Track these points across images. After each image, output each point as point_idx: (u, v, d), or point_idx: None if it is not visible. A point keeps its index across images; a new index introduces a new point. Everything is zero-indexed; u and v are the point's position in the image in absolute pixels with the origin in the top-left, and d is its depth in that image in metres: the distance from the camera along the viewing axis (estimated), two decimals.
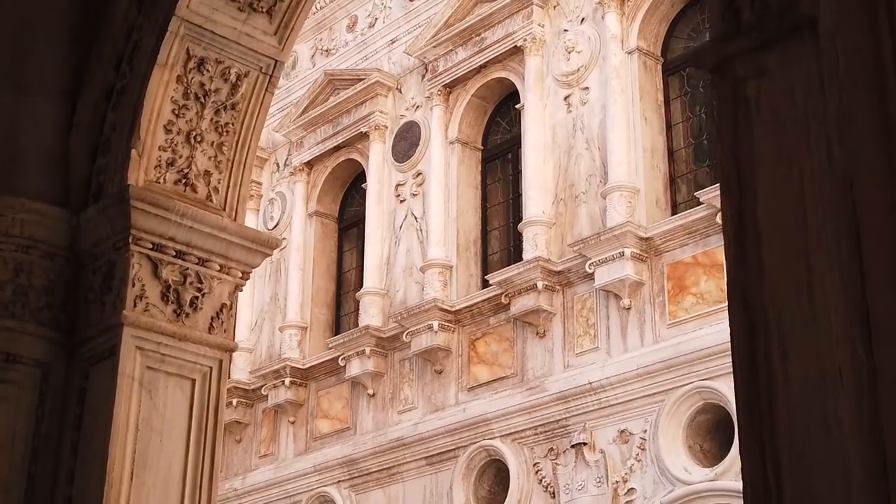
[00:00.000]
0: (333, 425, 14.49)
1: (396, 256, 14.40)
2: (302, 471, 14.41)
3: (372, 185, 14.87)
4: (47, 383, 3.95)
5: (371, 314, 14.16)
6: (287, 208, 16.13)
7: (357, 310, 14.72)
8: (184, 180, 4.09)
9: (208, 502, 3.80)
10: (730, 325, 2.30)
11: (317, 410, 14.79)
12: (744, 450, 2.12)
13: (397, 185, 14.71)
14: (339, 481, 14.00)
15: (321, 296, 15.58)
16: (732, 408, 10.52)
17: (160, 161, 4.04)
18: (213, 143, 4.15)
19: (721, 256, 11.24)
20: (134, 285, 3.91)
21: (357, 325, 14.37)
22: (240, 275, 4.23)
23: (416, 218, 14.34)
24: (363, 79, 15.25)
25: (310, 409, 14.88)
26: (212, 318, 4.09)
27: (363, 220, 15.10)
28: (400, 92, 15.10)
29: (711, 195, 10.98)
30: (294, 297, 15.36)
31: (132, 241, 3.94)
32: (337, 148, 15.69)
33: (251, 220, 16.63)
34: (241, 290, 4.25)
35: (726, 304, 8.21)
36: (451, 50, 14.25)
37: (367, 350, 13.90)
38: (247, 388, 15.50)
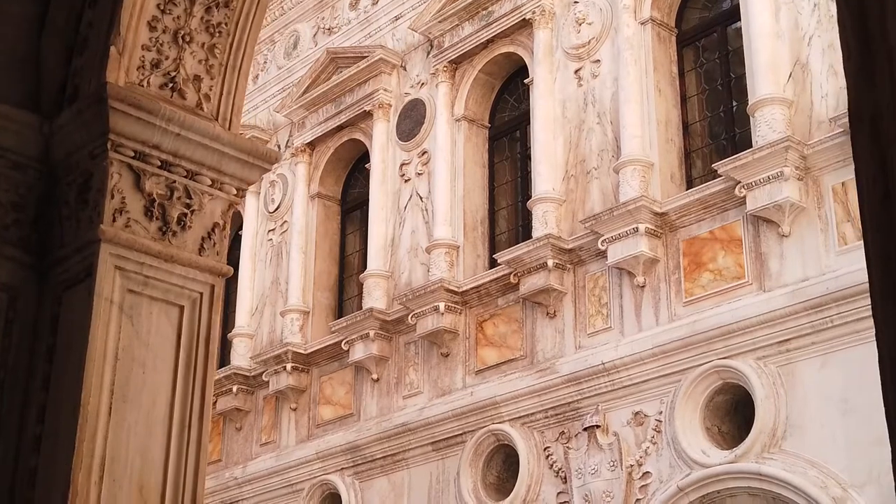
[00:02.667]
0: (336, 411, 14.06)
1: (401, 237, 13.98)
2: (304, 458, 13.99)
3: (376, 165, 14.46)
4: (15, 310, 3.50)
5: (375, 297, 13.73)
6: (288, 190, 15.72)
7: (360, 293, 14.31)
8: (170, 84, 3.64)
9: (198, 444, 3.38)
10: (854, 163, 1.86)
11: (319, 396, 14.36)
12: (879, 315, 1.69)
13: (402, 165, 14.29)
14: (342, 469, 13.58)
15: (323, 279, 15.16)
16: (752, 387, 10.11)
17: (143, 62, 3.58)
18: (203, 44, 3.70)
19: (739, 231, 10.83)
20: (113, 197, 3.46)
21: (360, 309, 13.95)
22: (234, 191, 3.78)
23: (421, 198, 13.92)
24: (366, 56, 14.83)
25: (312, 396, 14.45)
26: (202, 239, 3.65)
27: (366, 202, 14.68)
28: (404, 69, 14.69)
29: (729, 167, 10.56)
30: (296, 280, 14.95)
31: (111, 147, 3.49)
32: (340, 128, 15.28)
33: (251, 204, 16.23)
34: (236, 209, 3.80)
35: (745, 280, 7.80)
36: (457, 25, 13.83)
37: (371, 333, 13.47)
38: (247, 374, 15.08)
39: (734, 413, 10.56)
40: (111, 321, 3.33)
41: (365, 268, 14.18)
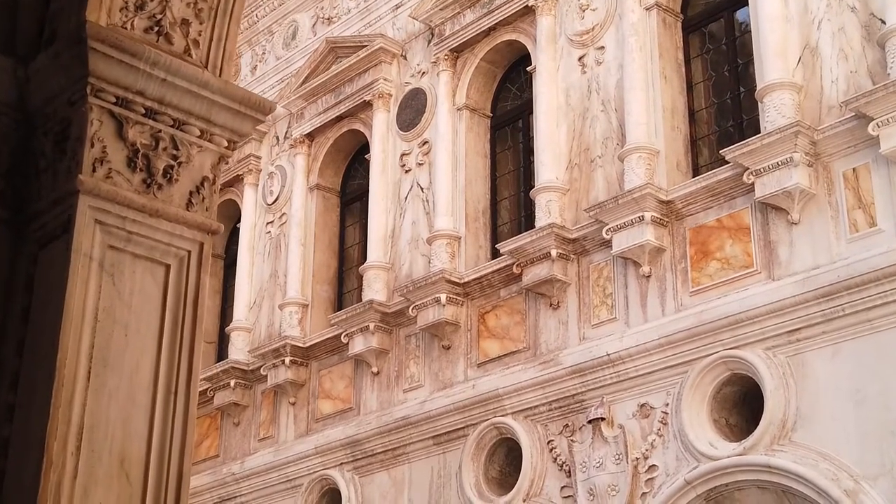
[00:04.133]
0: (336, 405, 13.83)
1: (401, 228, 13.75)
2: (303, 453, 13.75)
3: (376, 156, 14.22)
4: None
5: (375, 289, 13.50)
6: (287, 182, 15.49)
7: (360, 286, 14.07)
8: (156, 28, 3.39)
9: (185, 413, 3.15)
10: None
11: (318, 390, 14.13)
12: None
13: (402, 155, 14.06)
14: (341, 463, 13.34)
15: (323, 272, 14.93)
16: (761, 378, 9.87)
17: (127, 3, 3.32)
18: None
19: (747, 219, 10.60)
20: (93, 146, 3.21)
21: (360, 302, 13.71)
22: (225, 143, 3.53)
23: (422, 188, 13.69)
24: (366, 45, 14.60)
25: (311, 390, 14.22)
26: (190, 193, 3.40)
27: (366, 194, 14.45)
28: (405, 59, 14.46)
29: (737, 153, 10.33)
30: (294, 273, 14.71)
31: (91, 92, 3.24)
32: (339, 118, 15.04)
33: (250, 197, 16.00)
34: (227, 163, 3.56)
35: (753, 268, 7.56)
36: (459, 13, 13.60)
37: (371, 326, 13.23)
38: (245, 368, 14.85)
39: (742, 405, 10.32)
40: (90, 279, 3.09)
41: (365, 260, 13.95)
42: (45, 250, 3.24)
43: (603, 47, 12.18)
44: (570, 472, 11.09)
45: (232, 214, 16.62)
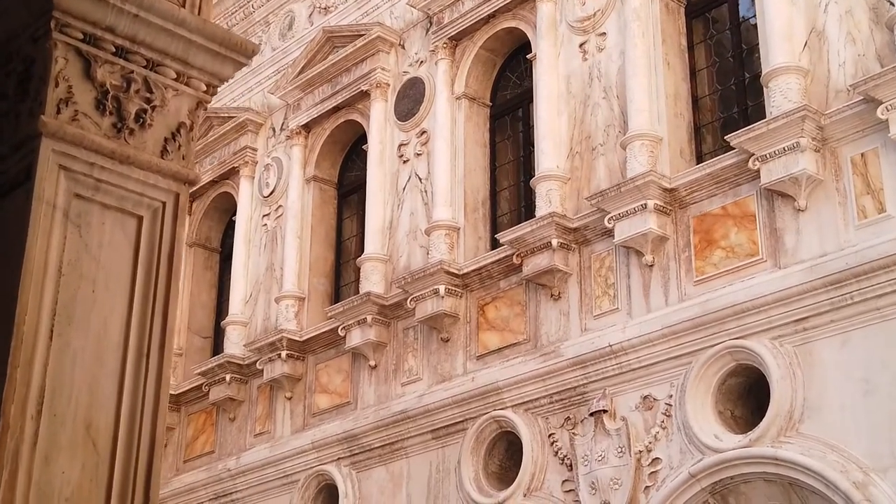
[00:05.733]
0: (333, 400, 13.59)
1: (399, 220, 13.51)
2: (299, 448, 13.51)
3: (373, 146, 13.98)
4: None
5: (372, 281, 13.25)
6: (283, 174, 15.25)
7: (357, 279, 13.82)
8: None
9: (158, 376, 2.90)
10: None
11: (315, 385, 13.89)
12: None
13: (400, 145, 13.82)
14: (338, 459, 13.10)
15: (319, 265, 14.69)
16: (767, 368, 9.63)
17: None
18: None
19: (753, 206, 10.35)
20: (57, 85, 2.96)
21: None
22: (203, 87, 3.28)
23: (420, 179, 13.45)
24: (363, 35, 14.36)
25: (308, 384, 13.98)
26: (165, 140, 3.15)
27: (364, 186, 14.20)
28: (403, 48, 14.22)
29: (742, 138, 10.09)
30: (291, 266, 14.47)
31: (55, 27, 3.00)
32: (336, 109, 14.80)
33: (245, 189, 15.77)
34: (206, 109, 3.32)
35: (759, 257, 7.31)
36: (457, 0, 13.36)
37: (369, 318, 12.99)
38: (241, 362, 14.61)
39: (748, 396, 10.09)
40: (54, 230, 2.84)
41: (362, 253, 13.71)
42: (6, 199, 2.99)
43: (604, 34, 11.95)
44: (571, 465, 10.85)
45: (228, 207, 16.40)
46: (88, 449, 2.81)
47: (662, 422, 10.29)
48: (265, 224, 15.35)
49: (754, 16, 11.01)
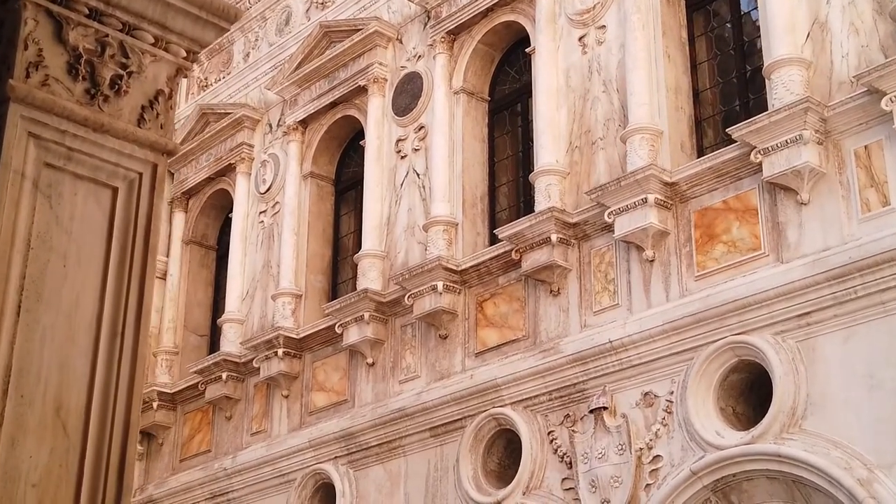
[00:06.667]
0: (330, 398, 13.44)
1: (397, 216, 13.36)
2: (296, 447, 13.37)
3: (371, 141, 13.84)
4: None
5: (370, 278, 13.11)
6: (280, 170, 15.11)
7: (355, 276, 13.68)
8: None
9: (133, 356, 2.75)
10: None
11: (312, 383, 13.74)
12: None
13: (398, 141, 13.68)
14: (336, 457, 12.96)
15: (317, 262, 14.55)
16: (770, 363, 9.49)
17: None
18: None
19: (755, 200, 10.21)
20: (27, 48, 2.81)
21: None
22: (183, 53, 3.12)
23: (418, 174, 13.31)
24: (361, 29, 14.23)
25: (305, 382, 13.83)
26: (142, 108, 2.99)
27: (361, 182, 14.06)
28: (400, 42, 14.08)
29: (744, 131, 9.95)
30: (287, 263, 14.33)
31: None
32: (333, 104, 14.66)
33: (242, 186, 15.63)
34: (186, 77, 3.17)
35: (761, 251, 7.14)
36: None
37: (366, 315, 12.84)
38: (237, 361, 14.47)
39: (750, 393, 9.95)
40: (22, 200, 2.70)
41: (360, 249, 13.56)
42: None
43: (604, 27, 11.81)
44: (571, 463, 10.71)
45: (224, 204, 16.26)
46: (58, 432, 2.67)
47: (663, 419, 10.15)
48: (262, 221, 15.21)
49: (755, 8, 10.87)
